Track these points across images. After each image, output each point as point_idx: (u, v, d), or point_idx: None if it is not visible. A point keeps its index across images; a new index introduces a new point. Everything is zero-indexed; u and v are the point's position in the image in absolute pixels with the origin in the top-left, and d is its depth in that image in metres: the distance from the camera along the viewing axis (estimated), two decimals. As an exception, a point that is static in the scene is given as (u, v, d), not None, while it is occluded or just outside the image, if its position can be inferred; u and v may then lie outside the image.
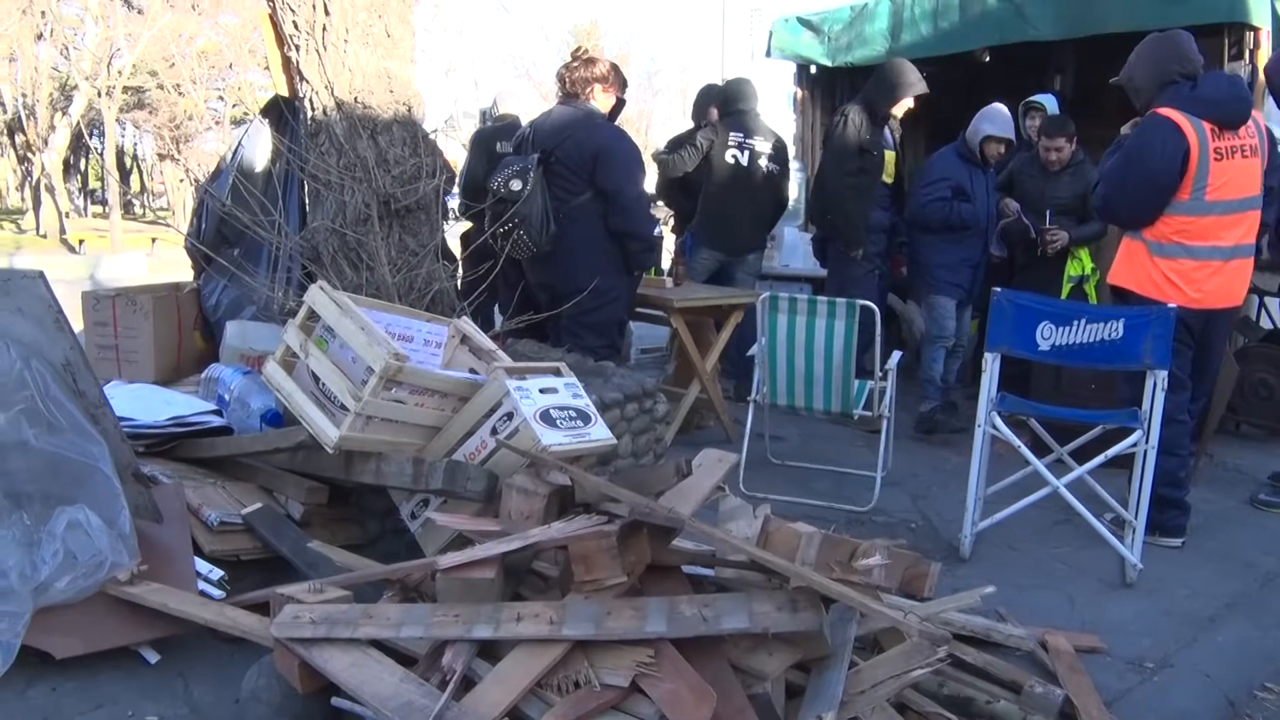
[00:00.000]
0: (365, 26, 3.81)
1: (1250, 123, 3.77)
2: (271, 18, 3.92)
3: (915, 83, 5.66)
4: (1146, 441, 3.51)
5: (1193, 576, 3.67)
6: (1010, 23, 6.28)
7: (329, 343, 3.03)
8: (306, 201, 4.01)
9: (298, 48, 3.81)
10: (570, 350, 4.36)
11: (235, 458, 3.33)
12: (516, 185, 4.56)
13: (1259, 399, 5.38)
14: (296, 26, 3.79)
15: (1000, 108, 5.73)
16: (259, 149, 4.31)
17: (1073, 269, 5.89)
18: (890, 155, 6.11)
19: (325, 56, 3.77)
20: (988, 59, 6.82)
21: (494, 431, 2.94)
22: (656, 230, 5.00)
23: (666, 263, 6.08)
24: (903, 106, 5.79)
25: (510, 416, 2.91)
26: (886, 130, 6.02)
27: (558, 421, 2.97)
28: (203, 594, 2.73)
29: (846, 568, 2.46)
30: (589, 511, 2.63)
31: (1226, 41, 5.47)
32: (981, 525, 3.68)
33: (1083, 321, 3.53)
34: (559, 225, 4.60)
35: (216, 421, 3.49)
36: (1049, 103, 6.29)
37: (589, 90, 4.76)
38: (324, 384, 2.97)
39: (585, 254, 4.66)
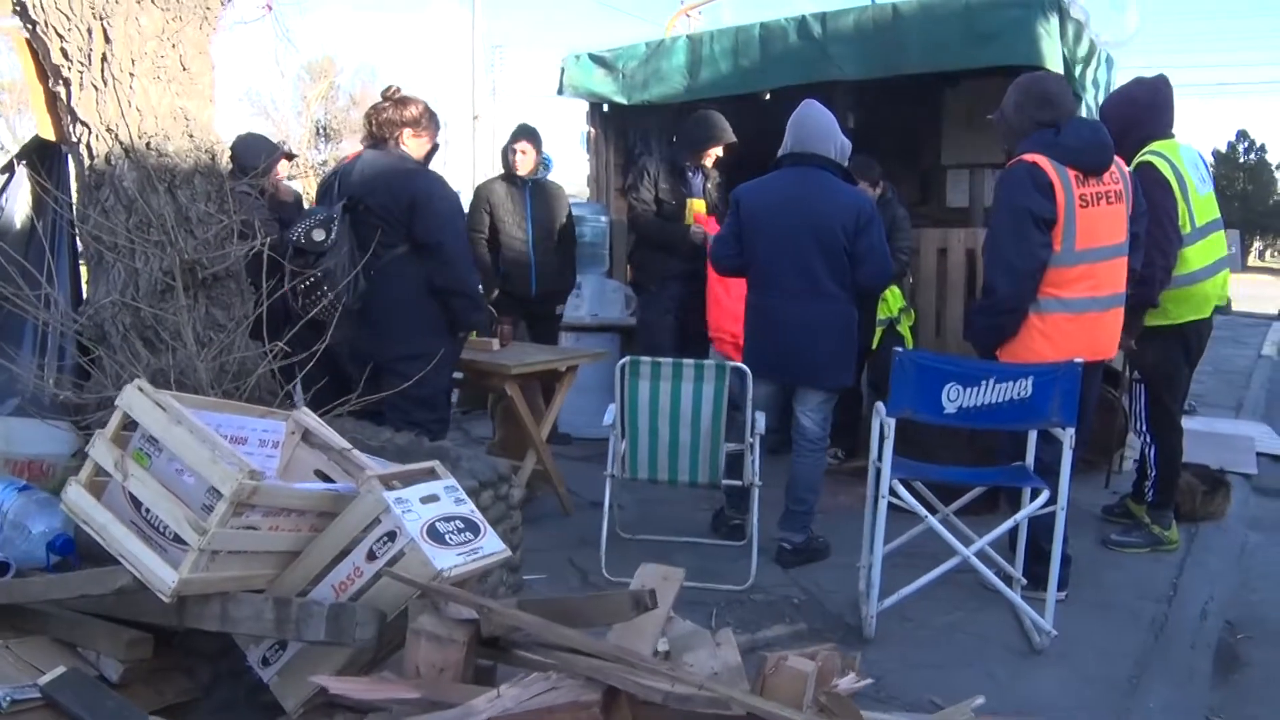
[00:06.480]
0: (156, 57, 3.16)
1: (1114, 168, 3.72)
2: (29, 43, 3.20)
3: (715, 135, 5.83)
4: (1054, 501, 3.37)
5: (1091, 633, 3.59)
6: (814, 62, 6.17)
7: (152, 458, 2.39)
8: (84, 267, 3.29)
9: (68, 81, 3.12)
10: (399, 429, 3.79)
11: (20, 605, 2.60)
12: (319, 235, 3.92)
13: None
14: (66, 55, 3.09)
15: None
16: (18, 202, 3.51)
17: (881, 312, 5.83)
18: (698, 203, 5.93)
19: (106, 92, 3.10)
20: (768, 97, 6.67)
21: (371, 556, 2.39)
22: (480, 285, 4.52)
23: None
24: (711, 156, 5.91)
25: (392, 536, 2.37)
26: (695, 178, 5.97)
27: (446, 537, 2.46)
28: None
29: (834, 699, 2.09)
30: (498, 648, 2.17)
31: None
32: (886, 603, 3.42)
33: (991, 381, 3.30)
34: (371, 282, 4.01)
35: (-15, 556, 2.73)
36: None
37: (398, 134, 4.14)
38: (149, 511, 2.33)
39: (405, 315, 4.09)
